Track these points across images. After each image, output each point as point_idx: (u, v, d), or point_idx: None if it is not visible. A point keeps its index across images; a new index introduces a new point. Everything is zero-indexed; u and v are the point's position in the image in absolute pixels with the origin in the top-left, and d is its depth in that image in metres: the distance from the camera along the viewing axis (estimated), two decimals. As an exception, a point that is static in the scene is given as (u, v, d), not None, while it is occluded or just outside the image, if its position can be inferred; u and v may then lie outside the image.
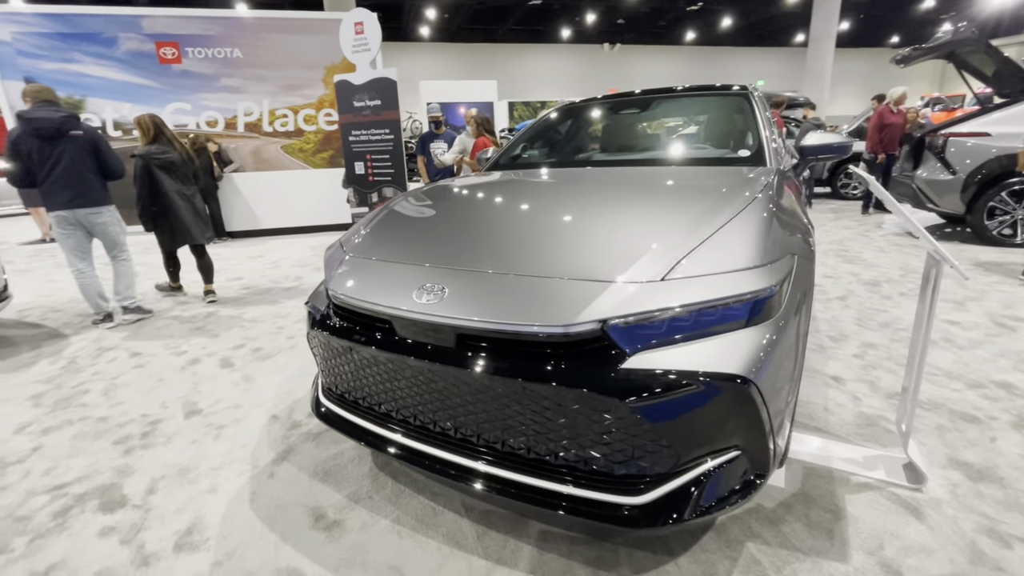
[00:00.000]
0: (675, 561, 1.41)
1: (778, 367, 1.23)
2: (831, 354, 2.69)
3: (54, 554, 1.52)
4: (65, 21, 7.30)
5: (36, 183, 3.23)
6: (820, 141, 2.23)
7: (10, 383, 2.72)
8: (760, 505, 1.61)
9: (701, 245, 1.31)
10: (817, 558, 1.39)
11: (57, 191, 3.25)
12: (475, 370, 1.23)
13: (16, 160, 3.18)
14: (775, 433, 1.26)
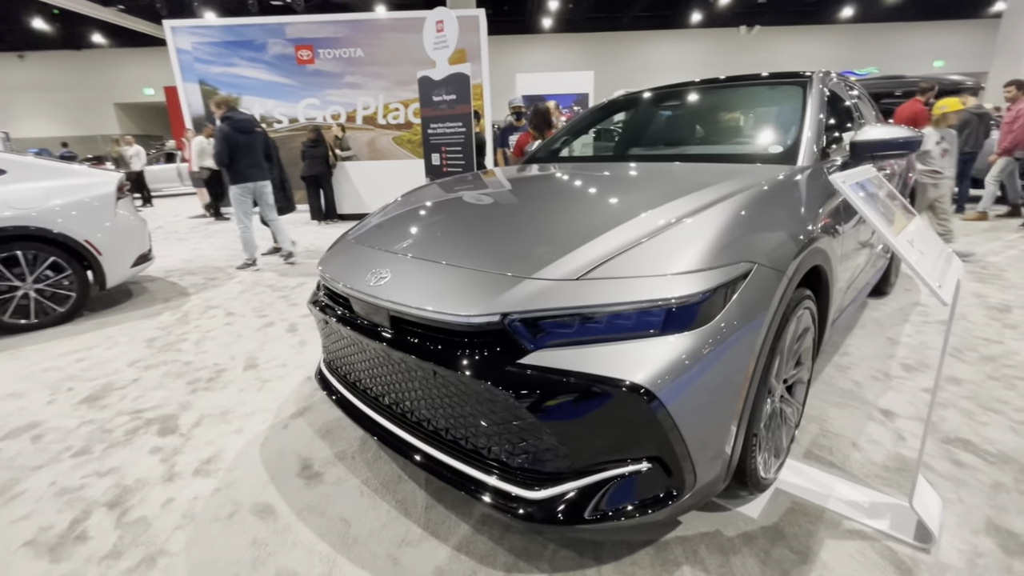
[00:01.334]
0: (599, 568, 1.38)
1: (704, 383, 1.15)
2: (894, 385, 2.32)
3: (116, 460, 1.94)
4: (229, 31, 8.67)
5: (232, 164, 4.63)
6: (878, 136, 1.92)
7: (138, 327, 3.42)
8: (718, 531, 1.49)
9: (638, 246, 1.26)
10: (754, 597, 1.27)
11: (246, 169, 4.71)
12: (400, 351, 1.32)
13: (225, 148, 4.54)
14: (698, 452, 1.18)
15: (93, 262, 3.55)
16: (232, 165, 4.63)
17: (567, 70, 19.56)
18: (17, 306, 3.33)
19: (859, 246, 2.14)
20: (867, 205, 1.13)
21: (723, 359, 1.18)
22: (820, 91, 2.15)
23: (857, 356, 2.61)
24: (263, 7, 16.61)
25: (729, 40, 22.74)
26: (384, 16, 8.99)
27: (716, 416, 1.20)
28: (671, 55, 22.70)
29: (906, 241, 1.15)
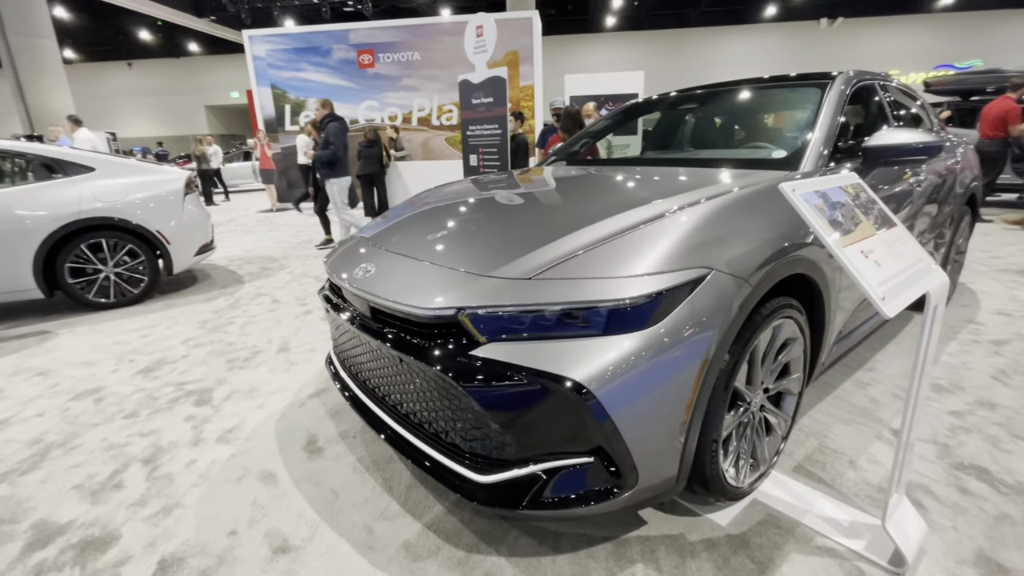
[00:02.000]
0: (554, 557, 1.44)
1: (646, 385, 1.18)
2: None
3: (156, 424, 2.21)
4: (298, 38, 9.29)
5: (341, 159, 5.30)
6: (891, 141, 1.82)
7: (195, 309, 3.81)
8: (682, 534, 1.50)
9: (594, 248, 1.31)
10: (700, 600, 1.29)
11: (348, 164, 5.46)
12: (376, 339, 1.45)
13: (341, 143, 5.29)
14: (640, 451, 1.21)
15: (163, 250, 3.98)
16: (340, 159, 5.31)
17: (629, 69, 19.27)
18: (99, 287, 3.81)
19: None
20: (814, 213, 1.11)
21: (668, 362, 1.20)
22: (840, 93, 2.06)
23: (883, 372, 2.47)
24: (335, 13, 17.60)
25: (807, 34, 21.42)
26: (441, 20, 9.29)
27: (659, 418, 1.23)
28: (741, 52, 21.70)
29: (858, 251, 1.12)
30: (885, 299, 1.04)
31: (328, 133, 5.26)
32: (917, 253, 1.27)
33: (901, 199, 2.15)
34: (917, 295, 1.14)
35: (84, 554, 1.51)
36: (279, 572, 1.42)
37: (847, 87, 2.12)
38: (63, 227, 3.56)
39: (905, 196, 2.18)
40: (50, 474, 1.90)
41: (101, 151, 7.02)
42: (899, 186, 2.15)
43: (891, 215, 1.32)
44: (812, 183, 1.20)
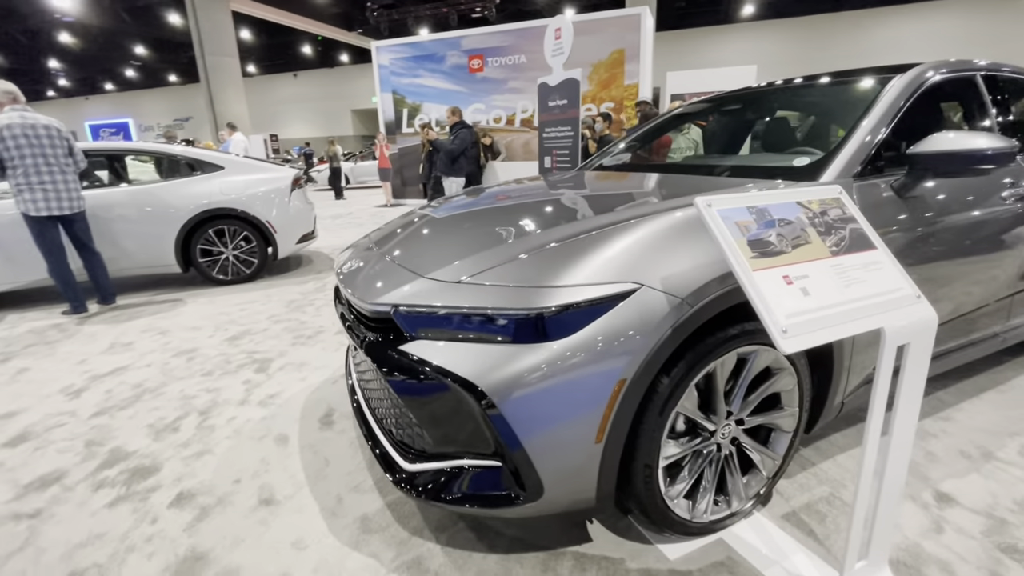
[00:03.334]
0: (486, 555, 1.47)
1: (550, 395, 1.17)
2: (985, 468, 1.79)
3: (221, 384, 2.64)
4: (417, 47, 10.04)
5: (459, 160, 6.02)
6: (942, 148, 1.51)
7: (289, 289, 4.39)
8: (623, 559, 1.44)
9: (529, 255, 1.31)
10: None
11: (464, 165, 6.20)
12: (348, 327, 1.60)
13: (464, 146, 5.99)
14: (543, 463, 1.21)
15: (270, 237, 4.65)
16: (458, 161, 6.07)
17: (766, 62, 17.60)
18: (220, 266, 4.57)
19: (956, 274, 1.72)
20: (727, 231, 1.00)
21: (579, 376, 1.17)
22: (902, 92, 1.76)
23: (961, 424, 2.05)
24: (464, 20, 18.62)
25: (999, 8, 17.64)
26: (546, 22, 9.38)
27: (567, 434, 1.20)
28: (913, 34, 18.55)
29: (778, 276, 0.98)
30: (787, 332, 0.92)
31: (458, 138, 6.02)
32: (893, 282, 1.08)
33: (969, 223, 1.77)
34: (862, 329, 0.98)
35: (133, 477, 1.89)
36: (255, 520, 1.65)
37: (915, 84, 1.80)
38: (197, 215, 4.34)
39: (976, 219, 1.79)
40: (137, 413, 2.37)
41: (251, 152, 8.32)
42: (971, 205, 1.78)
43: (872, 237, 1.14)
44: (747, 197, 1.08)
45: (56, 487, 1.85)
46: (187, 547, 1.54)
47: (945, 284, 1.74)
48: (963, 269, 1.78)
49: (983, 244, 1.81)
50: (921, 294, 1.09)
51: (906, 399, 1.09)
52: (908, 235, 1.60)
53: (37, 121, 3.49)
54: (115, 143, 4.53)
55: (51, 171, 3.51)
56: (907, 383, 1.08)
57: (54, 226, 3.63)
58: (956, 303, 1.84)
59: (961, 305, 1.86)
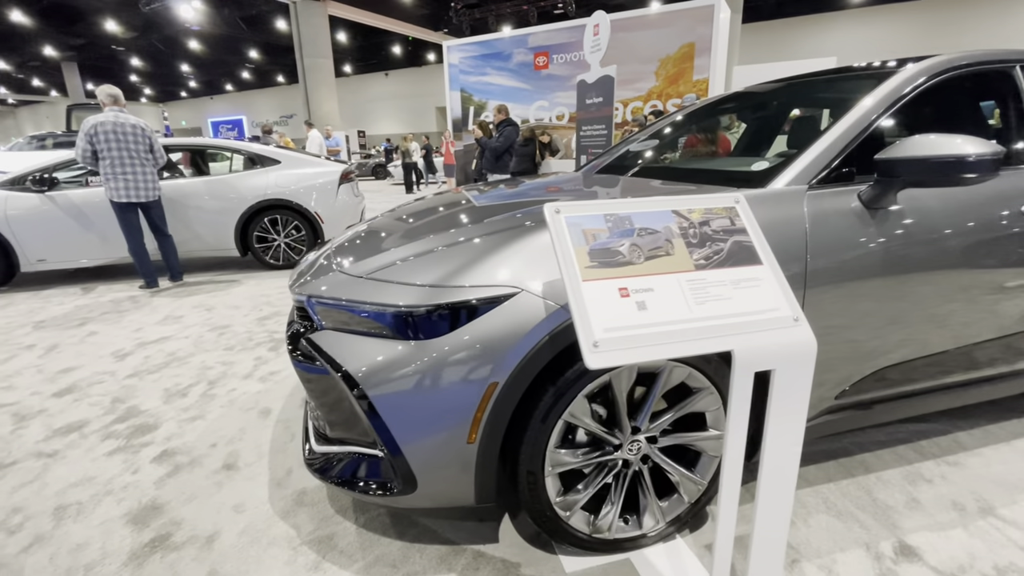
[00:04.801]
0: (393, 540, 1.53)
1: (422, 392, 1.20)
2: (974, 525, 1.55)
3: (237, 358, 2.92)
4: (485, 45, 10.21)
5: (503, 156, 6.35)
6: (911, 153, 1.32)
7: (328, 277, 4.72)
8: (519, 564, 1.44)
9: (424, 255, 1.35)
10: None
11: (508, 162, 6.52)
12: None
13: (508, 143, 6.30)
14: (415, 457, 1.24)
15: (318, 227, 5.01)
16: (503, 158, 6.36)
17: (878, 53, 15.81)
18: (273, 252, 5.00)
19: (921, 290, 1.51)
20: (569, 240, 0.96)
21: (450, 375, 1.19)
22: (894, 89, 1.55)
23: (971, 471, 1.78)
24: (543, 16, 18.60)
25: None
26: (615, 17, 9.14)
27: (438, 431, 1.22)
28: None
29: (613, 287, 0.92)
30: (599, 346, 0.87)
31: (503, 135, 6.26)
32: (769, 301, 0.98)
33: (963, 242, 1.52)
34: (704, 351, 0.91)
35: (135, 433, 2.16)
36: (212, 482, 1.83)
37: (915, 80, 1.58)
38: (255, 204, 4.79)
39: (976, 237, 1.53)
40: (161, 377, 2.70)
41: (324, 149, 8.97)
42: (969, 220, 1.53)
43: (761, 252, 1.04)
44: (608, 204, 1.03)
45: (76, 434, 2.17)
46: (151, 497, 1.75)
47: (927, 309, 1.52)
48: (956, 294, 1.54)
49: (985, 267, 1.55)
50: (801, 317, 0.98)
51: (775, 432, 0.99)
52: (875, 250, 1.42)
53: (127, 121, 4.04)
54: (188, 140, 5.10)
55: (132, 164, 4.04)
56: (775, 414, 0.98)
57: (134, 211, 4.18)
58: (953, 332, 1.60)
59: (962, 336, 1.62)
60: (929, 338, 1.57)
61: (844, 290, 1.40)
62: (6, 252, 4.33)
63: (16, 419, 2.29)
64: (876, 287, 1.44)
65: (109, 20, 19.42)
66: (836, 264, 1.38)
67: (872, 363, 1.54)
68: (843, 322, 1.43)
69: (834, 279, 1.39)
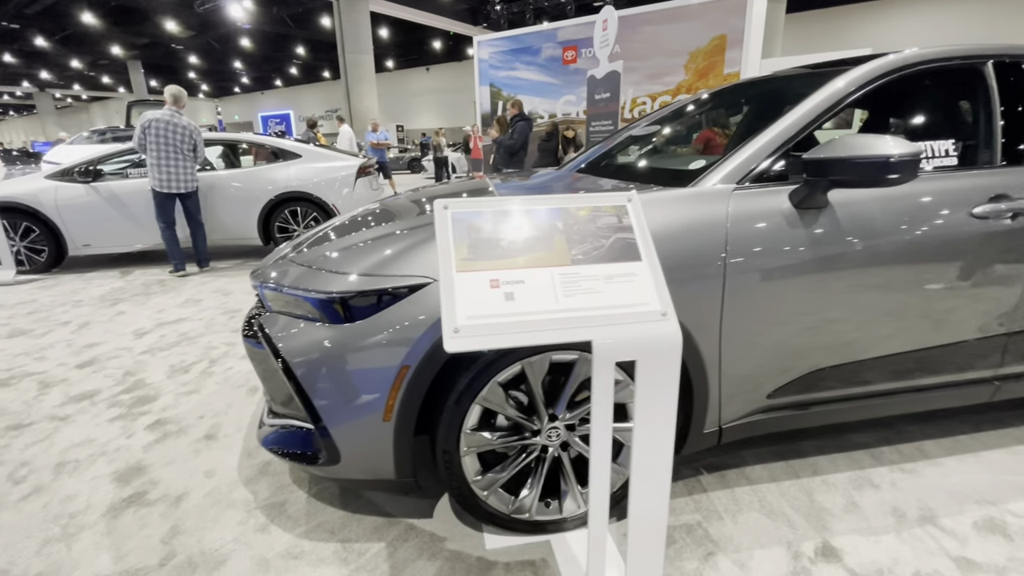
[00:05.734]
0: (336, 510, 1.66)
1: (341, 371, 1.31)
2: (904, 527, 1.52)
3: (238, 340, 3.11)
4: (514, 40, 10.24)
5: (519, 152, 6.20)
6: (834, 154, 1.31)
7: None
8: (444, 539, 1.52)
9: (361, 245, 1.46)
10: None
11: (525, 158, 6.37)
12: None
13: (523, 140, 6.16)
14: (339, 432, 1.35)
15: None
16: (518, 154, 6.27)
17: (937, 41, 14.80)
18: (293, 241, 5.27)
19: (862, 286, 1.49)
20: (450, 233, 1.03)
21: (365, 356, 1.29)
22: (841, 89, 1.54)
23: (925, 480, 1.74)
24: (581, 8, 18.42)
25: None
26: (643, 10, 8.97)
27: (356, 409, 1.31)
28: None
29: (485, 279, 0.98)
30: (459, 332, 0.94)
31: (516, 130, 6.20)
32: (640, 296, 1.03)
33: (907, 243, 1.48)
34: (563, 339, 0.97)
35: (137, 402, 2.39)
36: (192, 450, 2.01)
37: (860, 81, 1.55)
38: (277, 196, 5.05)
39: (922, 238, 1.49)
40: (171, 355, 2.94)
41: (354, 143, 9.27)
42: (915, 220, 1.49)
43: (642, 249, 1.08)
44: (499, 201, 1.10)
45: (87, 401, 2.41)
46: (137, 460, 1.95)
47: (863, 313, 1.50)
48: (896, 299, 1.51)
49: (929, 272, 1.51)
50: (670, 312, 1.02)
51: (643, 423, 1.03)
52: (802, 251, 1.42)
53: (179, 121, 4.40)
54: (221, 135, 5.42)
55: (176, 159, 4.39)
56: (641, 404, 1.02)
57: (171, 201, 4.52)
58: (895, 338, 1.57)
59: (905, 342, 1.58)
60: (867, 342, 1.55)
61: (767, 290, 1.41)
62: (56, 237, 4.76)
63: (41, 386, 2.57)
64: (804, 288, 1.44)
65: (169, 20, 20.62)
66: (758, 264, 1.39)
67: (805, 364, 1.53)
68: (768, 322, 1.44)
69: (756, 279, 1.40)
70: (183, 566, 1.45)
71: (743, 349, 1.45)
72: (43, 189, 4.66)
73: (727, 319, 1.40)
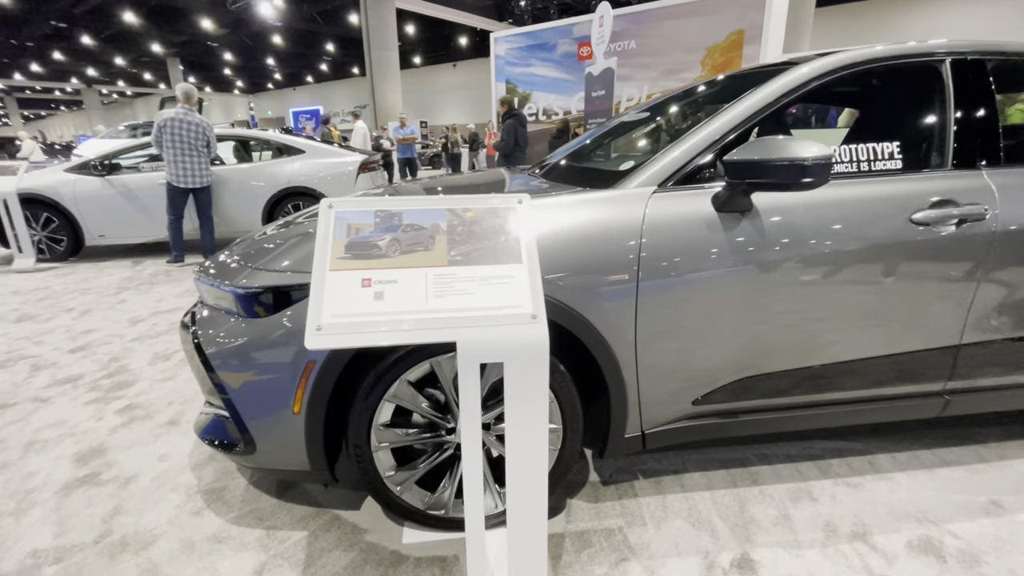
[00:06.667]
0: (271, 498, 1.71)
1: (255, 366, 1.35)
2: (830, 543, 1.47)
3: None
4: (530, 36, 10.19)
5: (514, 151, 6.28)
6: (750, 156, 1.27)
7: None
8: (364, 531, 1.56)
9: (284, 242, 1.49)
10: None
11: (520, 155, 6.38)
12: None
13: (512, 138, 6.24)
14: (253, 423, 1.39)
15: (336, 214, 5.34)
16: (511, 153, 6.29)
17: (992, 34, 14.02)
18: (296, 235, 5.40)
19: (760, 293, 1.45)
20: (331, 232, 1.04)
21: (274, 350, 1.33)
22: (775, 90, 1.49)
23: (869, 496, 1.68)
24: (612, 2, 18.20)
25: None
26: (660, 5, 8.79)
27: (265, 397, 1.35)
28: None
29: (357, 278, 0.99)
30: (322, 330, 0.96)
31: (504, 129, 6.21)
32: (514, 298, 1.03)
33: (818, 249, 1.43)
34: (426, 340, 0.98)
35: (115, 387, 2.51)
36: (153, 434, 2.10)
37: (802, 80, 1.50)
38: (281, 190, 5.19)
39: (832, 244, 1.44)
40: (157, 343, 3.07)
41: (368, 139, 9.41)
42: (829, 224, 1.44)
43: (524, 251, 1.08)
44: (384, 201, 1.11)
45: (70, 385, 2.55)
46: (100, 442, 2.05)
47: (789, 321, 1.45)
48: (825, 307, 1.46)
49: (860, 280, 1.45)
50: (540, 315, 1.01)
51: (513, 423, 1.03)
52: (723, 254, 1.38)
53: (192, 119, 4.58)
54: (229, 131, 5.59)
55: (190, 154, 4.58)
56: (510, 405, 1.02)
57: (184, 195, 4.71)
58: (826, 349, 1.52)
59: (837, 353, 1.53)
60: (798, 352, 1.50)
61: (684, 295, 1.39)
62: (74, 228, 5.01)
63: (32, 369, 2.72)
64: (725, 295, 1.40)
65: (204, 19, 21.31)
66: (674, 268, 1.37)
67: (730, 372, 1.50)
68: (687, 328, 1.41)
69: (671, 284, 1.37)
70: (115, 544, 1.52)
71: (661, 355, 1.43)
72: (62, 182, 4.90)
73: (642, 324, 1.38)
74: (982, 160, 1.53)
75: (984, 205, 1.46)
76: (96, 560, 1.46)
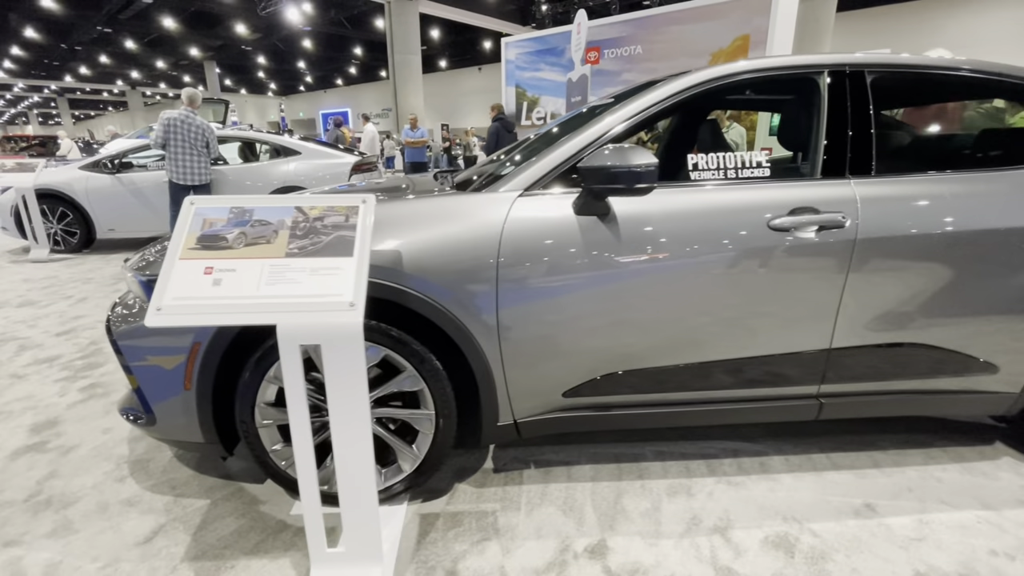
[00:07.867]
0: (190, 469, 1.87)
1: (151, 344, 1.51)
2: (687, 536, 1.53)
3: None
4: (540, 41, 10.30)
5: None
6: (600, 162, 1.35)
7: (327, 258, 5.25)
8: (264, 501, 1.69)
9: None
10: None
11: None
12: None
13: (494, 141, 6.63)
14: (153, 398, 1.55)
15: (329, 213, 5.56)
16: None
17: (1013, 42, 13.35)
18: (290, 232, 5.64)
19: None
20: (188, 225, 1.18)
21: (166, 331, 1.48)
22: (644, 103, 1.58)
23: (745, 495, 1.72)
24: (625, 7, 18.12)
25: None
26: (667, 9, 8.78)
27: (160, 373, 1.50)
28: None
29: (201, 266, 1.12)
30: (161, 310, 1.10)
31: (488, 132, 6.22)
32: (337, 288, 1.14)
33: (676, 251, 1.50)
34: (251, 322, 1.11)
35: (85, 367, 2.73)
36: (105, 410, 2.30)
37: (675, 91, 1.58)
38: (277, 189, 5.44)
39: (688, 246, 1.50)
40: (138, 328, 3.30)
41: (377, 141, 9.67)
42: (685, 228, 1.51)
43: (357, 246, 1.19)
44: (241, 199, 1.25)
45: (47, 364, 2.78)
46: (57, 415, 2.26)
47: (648, 319, 1.53)
48: (682, 307, 1.52)
49: (716, 281, 1.51)
50: (359, 304, 1.12)
51: (335, 404, 1.15)
52: (579, 255, 1.47)
53: (193, 120, 4.87)
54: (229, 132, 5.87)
55: (191, 153, 4.87)
56: (331, 385, 1.14)
57: (184, 191, 4.99)
58: (692, 347, 1.58)
59: (702, 352, 1.59)
60: (661, 350, 1.57)
61: (542, 293, 1.48)
62: (87, 222, 5.37)
63: (18, 349, 2.98)
64: (582, 293, 1.48)
65: (238, 24, 22.21)
66: (531, 268, 1.46)
67: (594, 367, 1.57)
68: (546, 324, 1.50)
69: (530, 282, 1.47)
70: (40, 503, 1.70)
71: (524, 348, 1.52)
72: (77, 178, 5.27)
73: (503, 320, 1.48)
74: (852, 171, 1.57)
75: (843, 213, 1.50)
76: (20, 515, 1.64)
